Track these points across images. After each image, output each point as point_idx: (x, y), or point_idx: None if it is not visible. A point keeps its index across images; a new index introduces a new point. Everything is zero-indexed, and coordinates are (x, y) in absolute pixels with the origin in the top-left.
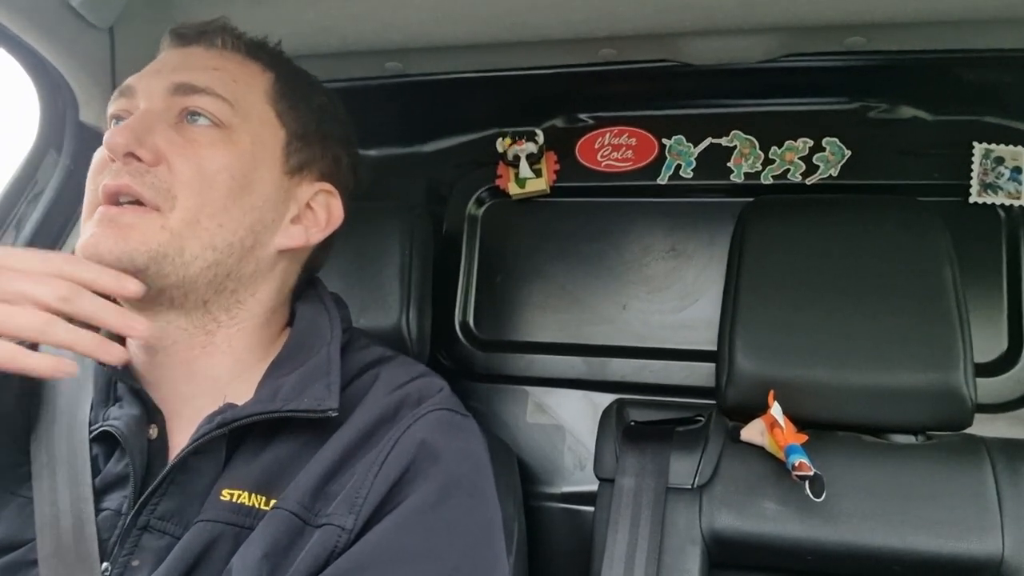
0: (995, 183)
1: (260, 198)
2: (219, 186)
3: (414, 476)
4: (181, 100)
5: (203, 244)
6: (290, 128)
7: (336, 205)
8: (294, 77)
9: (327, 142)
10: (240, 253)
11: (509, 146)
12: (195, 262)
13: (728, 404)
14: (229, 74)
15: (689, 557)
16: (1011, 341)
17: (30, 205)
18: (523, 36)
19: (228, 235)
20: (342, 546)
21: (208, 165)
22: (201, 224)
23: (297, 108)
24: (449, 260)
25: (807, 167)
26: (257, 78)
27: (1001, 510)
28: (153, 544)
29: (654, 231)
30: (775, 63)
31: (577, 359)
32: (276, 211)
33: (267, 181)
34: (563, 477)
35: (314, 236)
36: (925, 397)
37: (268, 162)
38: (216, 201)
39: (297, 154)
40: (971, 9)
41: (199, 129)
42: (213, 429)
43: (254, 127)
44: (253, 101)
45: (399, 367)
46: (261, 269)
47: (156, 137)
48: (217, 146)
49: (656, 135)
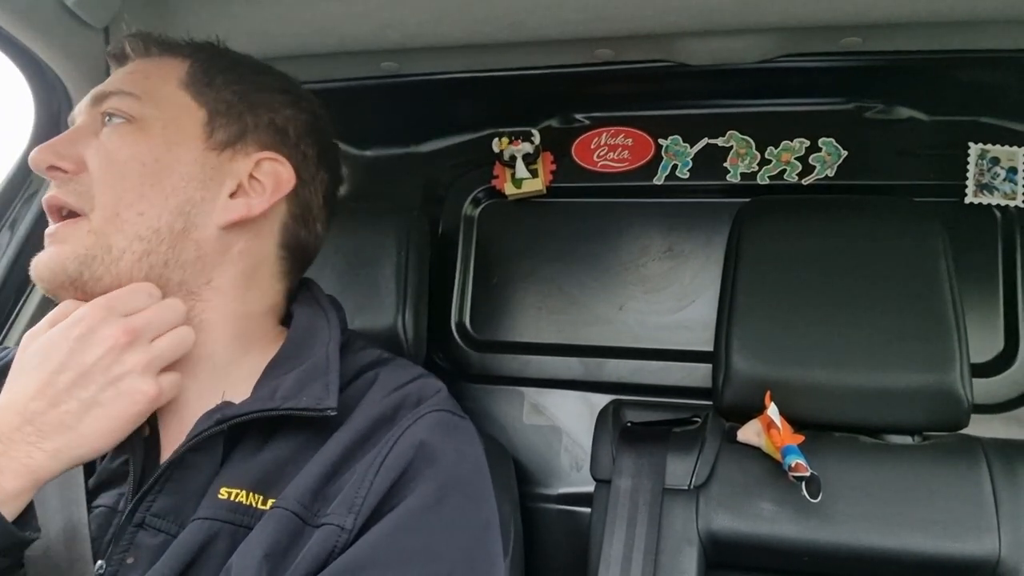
0: (991, 184)
1: (181, 179)
2: (131, 175)
3: (413, 477)
4: (98, 107)
5: (128, 236)
6: (209, 106)
7: (284, 170)
8: (213, 58)
9: (259, 111)
10: (171, 238)
11: (505, 146)
12: (124, 256)
13: (725, 405)
14: (141, 73)
15: (685, 558)
16: (1007, 341)
17: (25, 206)
18: (519, 36)
19: (151, 221)
20: (341, 546)
21: (117, 157)
22: (121, 216)
23: (213, 85)
24: (445, 261)
25: (803, 167)
26: (172, 69)
27: (997, 510)
28: (148, 542)
29: (651, 232)
30: (771, 63)
31: (574, 360)
32: (205, 188)
33: (186, 161)
34: (559, 478)
35: (257, 206)
36: (921, 398)
37: (185, 143)
38: (131, 190)
39: (223, 129)
40: (967, 10)
41: (112, 128)
42: (212, 426)
43: (166, 114)
44: (165, 90)
45: (397, 369)
46: (207, 252)
47: (77, 147)
48: (126, 138)
49: (652, 135)
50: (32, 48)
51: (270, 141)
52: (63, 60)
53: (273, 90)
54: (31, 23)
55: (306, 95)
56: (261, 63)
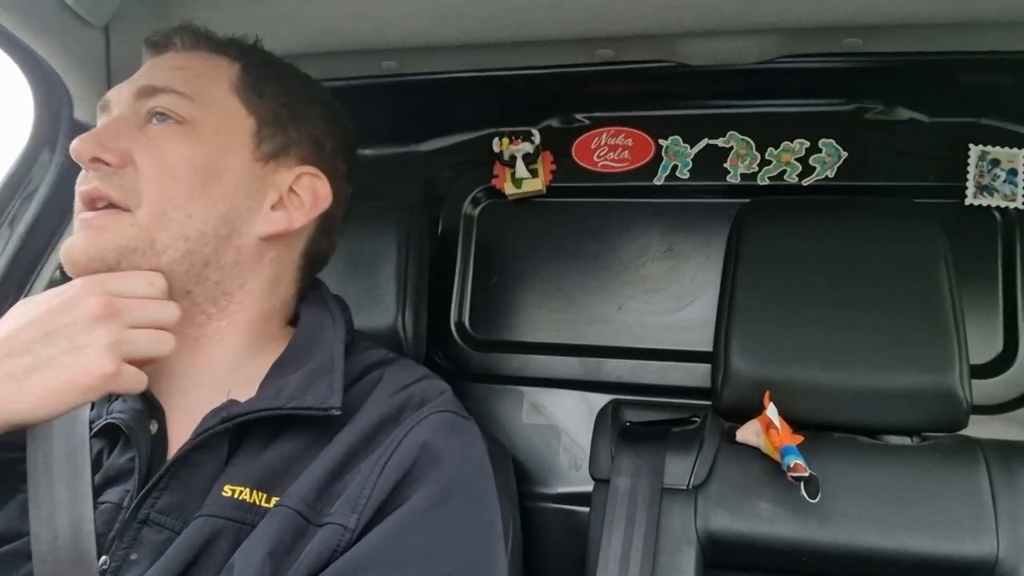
0: (991, 185)
1: (230, 186)
2: (182, 178)
3: (416, 477)
4: (145, 103)
5: (173, 235)
6: (258, 115)
7: (322, 187)
8: (261, 65)
9: (302, 125)
10: (215, 242)
11: (505, 146)
12: (167, 251)
13: (724, 405)
14: (191, 71)
15: (684, 558)
16: (1006, 343)
17: (24, 203)
18: (520, 36)
19: (199, 224)
20: (344, 545)
21: (169, 158)
22: (169, 216)
23: (263, 95)
24: (445, 260)
25: (803, 168)
26: (222, 71)
27: (996, 511)
28: (152, 538)
29: (650, 232)
30: (772, 64)
31: (573, 359)
32: (251, 198)
33: (236, 169)
34: (558, 477)
35: (297, 220)
36: (921, 398)
37: (235, 150)
38: (181, 192)
39: (270, 140)
40: (967, 11)
41: (162, 127)
42: (217, 424)
43: (217, 118)
44: (216, 94)
45: (402, 369)
46: (244, 259)
47: (122, 140)
48: (177, 140)
49: (653, 136)
50: (32, 46)
51: (309, 155)
52: (63, 58)
53: (315, 103)
54: (31, 21)
55: (340, 111)
56: (304, 74)
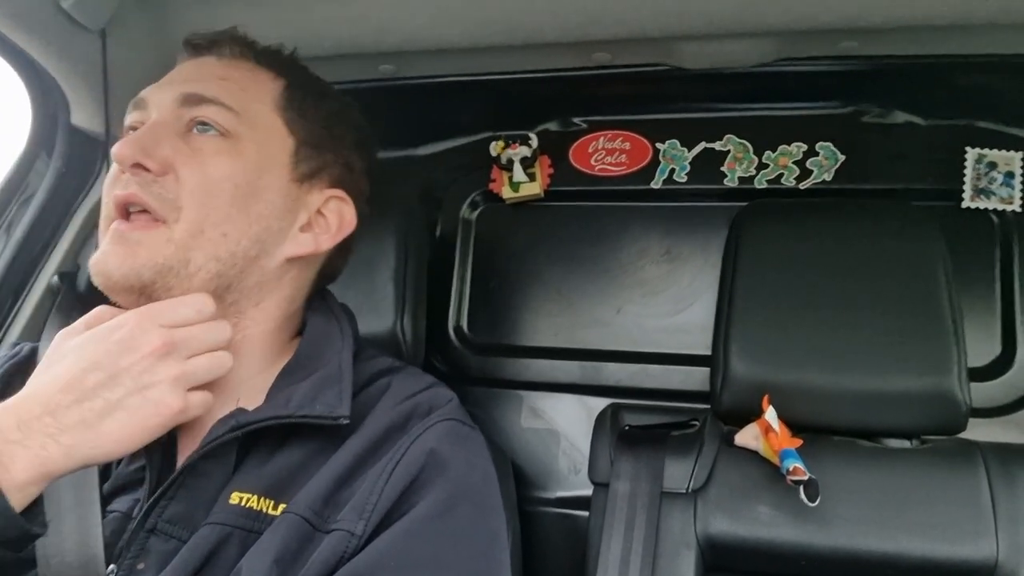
0: (988, 188)
1: (267, 206)
2: (223, 195)
3: (423, 484)
4: (189, 111)
5: (207, 255)
6: (298, 136)
7: (348, 211)
8: (305, 84)
9: (338, 149)
10: (243, 264)
11: (503, 150)
12: (199, 274)
13: (723, 408)
14: (237, 83)
15: (683, 561)
16: (1004, 345)
17: (21, 208)
18: (517, 40)
19: (232, 244)
20: (351, 552)
21: (212, 173)
22: (205, 234)
23: (306, 116)
24: (443, 264)
25: (801, 171)
26: (267, 86)
27: (995, 514)
28: (159, 547)
29: (648, 235)
30: (769, 67)
31: (572, 363)
32: (283, 219)
33: (274, 189)
34: (557, 482)
35: (324, 243)
36: (919, 401)
37: (275, 170)
38: (220, 210)
39: (306, 161)
40: (964, 14)
41: (205, 139)
42: (226, 432)
43: (260, 136)
44: (261, 110)
45: (409, 377)
46: (266, 280)
47: (163, 147)
48: (222, 155)
49: (650, 139)
50: (28, 50)
51: (339, 178)
52: (59, 62)
53: (350, 126)
54: (27, 25)
55: (368, 132)
56: (342, 96)
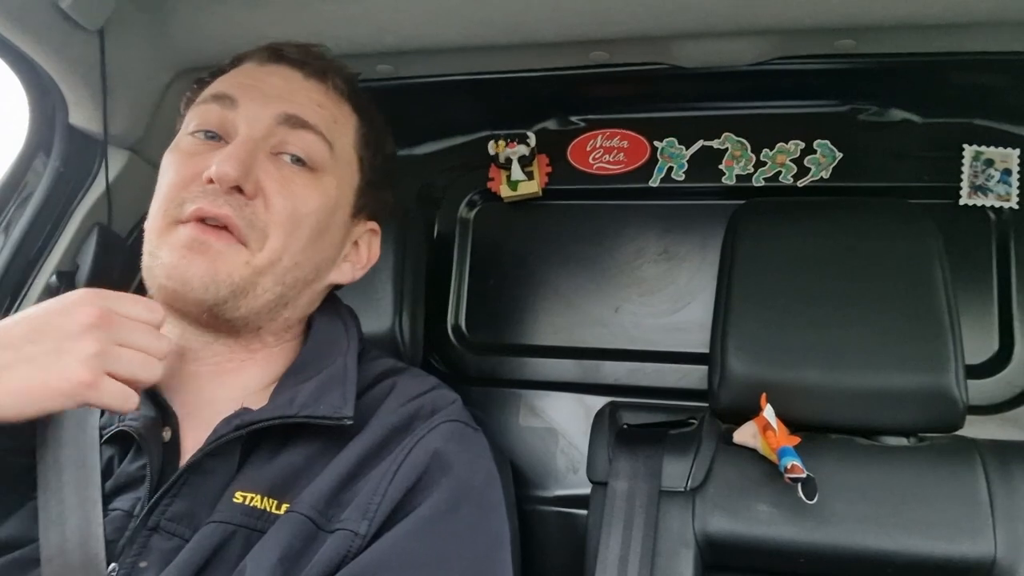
0: (985, 185)
1: (331, 239)
2: (306, 228)
3: (427, 485)
4: (286, 132)
5: (276, 280)
6: (365, 174)
7: (376, 243)
8: (375, 123)
9: (387, 188)
10: (301, 287)
11: (501, 149)
12: (264, 295)
13: (721, 406)
14: (331, 114)
15: (682, 560)
16: (1002, 343)
17: (19, 209)
18: (515, 39)
19: (299, 273)
20: (355, 551)
21: (301, 208)
22: (281, 263)
23: (376, 156)
24: (441, 263)
25: (798, 169)
26: (349, 120)
27: (993, 511)
28: (162, 546)
29: (646, 233)
30: (766, 66)
31: (570, 362)
32: (337, 250)
33: (339, 224)
34: (556, 480)
35: (357, 273)
36: (917, 399)
37: (344, 207)
38: (300, 241)
39: (363, 198)
40: (961, 12)
41: (295, 169)
42: (230, 431)
43: (341, 171)
44: (345, 145)
45: (413, 379)
46: (313, 300)
47: (257, 170)
48: (311, 188)
49: (648, 137)
50: (26, 51)
51: (377, 213)
52: (57, 63)
53: (392, 166)
54: (25, 25)
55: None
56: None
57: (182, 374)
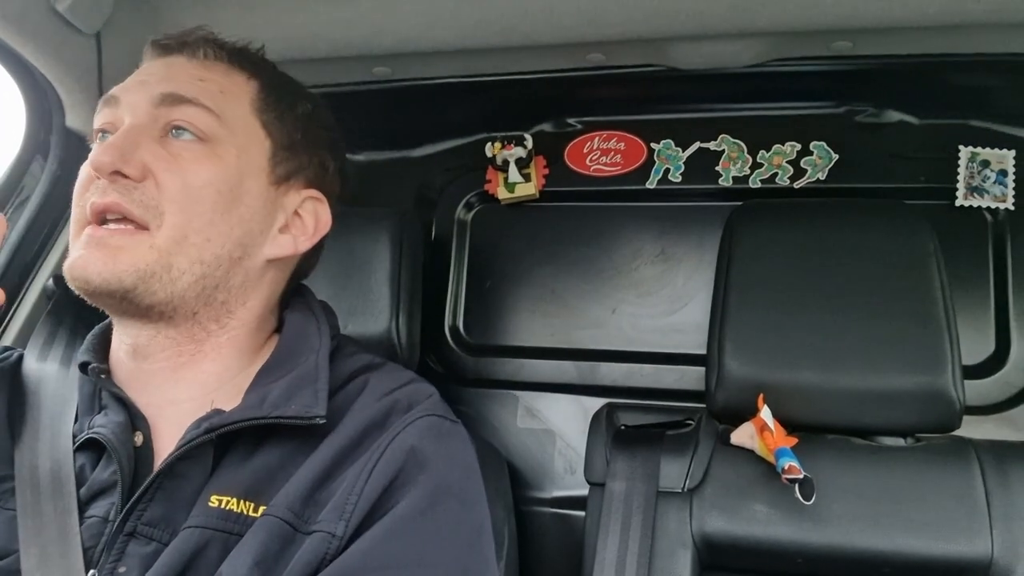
0: (981, 186)
1: (248, 210)
2: (205, 201)
3: (404, 482)
4: (167, 112)
5: (191, 259)
6: (275, 138)
7: (324, 211)
8: (279, 85)
9: (313, 149)
10: (228, 265)
11: (498, 151)
12: (183, 277)
13: (718, 407)
14: (215, 84)
15: (680, 560)
16: (998, 343)
17: (16, 212)
18: (512, 41)
19: (216, 248)
20: (333, 553)
21: (194, 180)
22: (189, 240)
23: (283, 118)
24: (438, 265)
25: (795, 171)
26: (242, 88)
27: (990, 512)
28: (140, 551)
29: (643, 235)
30: (762, 68)
31: (567, 363)
32: (264, 222)
33: (254, 193)
34: (553, 482)
35: (302, 244)
36: (913, 400)
37: (254, 174)
38: (203, 216)
39: (283, 164)
40: (956, 14)
41: (184, 143)
42: (200, 434)
43: (240, 139)
44: (239, 112)
45: (388, 374)
46: (250, 279)
47: (142, 152)
48: (203, 161)
49: (645, 139)
50: (23, 53)
51: (314, 178)
52: (54, 66)
53: (324, 127)
54: (22, 28)
55: (338, 131)
56: (316, 95)
57: (141, 373)
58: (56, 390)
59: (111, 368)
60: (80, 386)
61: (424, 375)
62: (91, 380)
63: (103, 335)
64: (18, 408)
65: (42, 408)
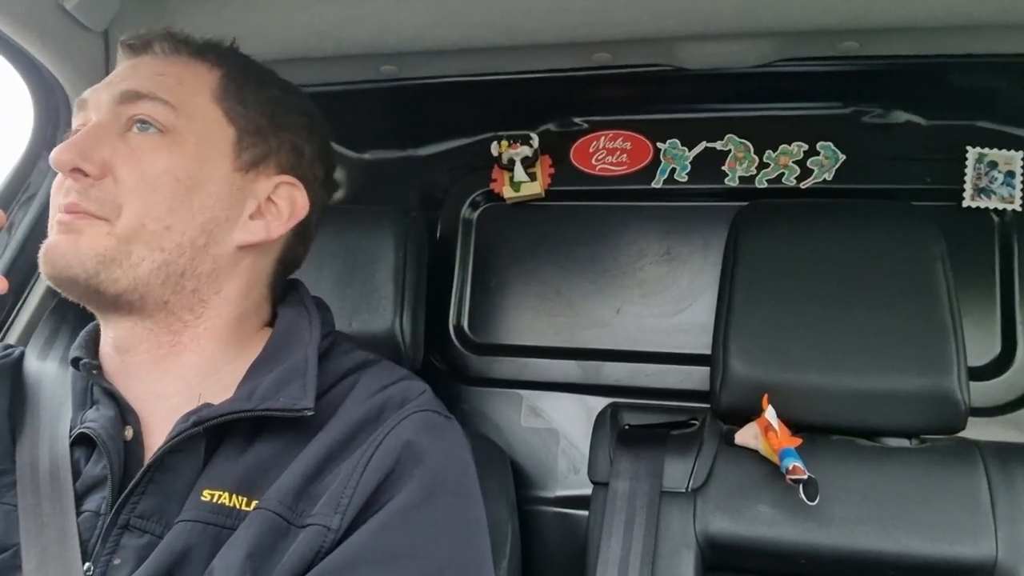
0: (988, 188)
1: (210, 197)
2: (162, 189)
3: (399, 476)
4: (127, 108)
5: (149, 246)
6: (239, 124)
7: (299, 196)
8: (243, 72)
9: (283, 134)
10: (192, 252)
11: (504, 150)
12: (143, 264)
13: (722, 408)
14: (174, 77)
15: (683, 561)
16: (1004, 345)
17: (22, 208)
18: (518, 40)
19: (176, 236)
20: (328, 546)
21: (150, 170)
22: (147, 228)
23: (245, 104)
24: (443, 264)
25: (801, 171)
26: (203, 78)
27: (994, 513)
28: (134, 543)
29: (648, 235)
30: (769, 68)
31: (571, 363)
32: (230, 208)
33: (216, 180)
34: (557, 481)
35: (276, 230)
36: (919, 401)
37: (216, 161)
38: (161, 204)
39: (250, 150)
40: (964, 14)
41: (143, 136)
42: (189, 428)
43: (199, 127)
44: (198, 102)
45: (381, 370)
46: (221, 266)
47: (103, 149)
48: (160, 151)
49: (651, 139)
50: (31, 51)
51: (288, 164)
52: (62, 63)
53: (295, 112)
54: (30, 26)
55: (319, 117)
56: (284, 80)
57: (125, 367)
58: (56, 388)
59: (101, 363)
60: (73, 382)
61: (428, 373)
62: (83, 376)
63: (95, 331)
64: (19, 405)
65: (42, 406)
